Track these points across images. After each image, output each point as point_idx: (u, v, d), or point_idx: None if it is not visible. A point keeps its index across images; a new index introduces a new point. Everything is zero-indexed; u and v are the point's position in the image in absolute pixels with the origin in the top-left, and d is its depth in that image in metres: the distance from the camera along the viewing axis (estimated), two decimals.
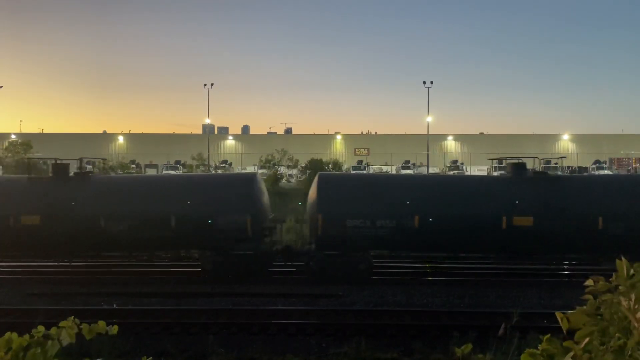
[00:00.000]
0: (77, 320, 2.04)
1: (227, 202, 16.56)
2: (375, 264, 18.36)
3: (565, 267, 18.26)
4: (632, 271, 1.45)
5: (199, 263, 17.29)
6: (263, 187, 18.24)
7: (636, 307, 1.40)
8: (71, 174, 17.96)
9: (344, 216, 16.03)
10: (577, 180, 21.00)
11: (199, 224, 16.26)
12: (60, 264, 17.40)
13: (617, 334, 1.41)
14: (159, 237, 16.37)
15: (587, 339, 1.48)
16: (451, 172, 59.43)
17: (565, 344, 1.52)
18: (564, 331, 1.55)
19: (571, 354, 1.49)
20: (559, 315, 1.55)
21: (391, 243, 16.35)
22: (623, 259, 1.51)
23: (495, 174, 59.52)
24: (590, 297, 1.51)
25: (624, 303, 1.43)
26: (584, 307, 1.52)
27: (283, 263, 17.35)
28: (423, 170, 63.47)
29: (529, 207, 15.91)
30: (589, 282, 1.49)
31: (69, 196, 16.74)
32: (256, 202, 16.80)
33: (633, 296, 1.41)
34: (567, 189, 16.73)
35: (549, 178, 17.66)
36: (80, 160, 18.95)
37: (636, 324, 1.39)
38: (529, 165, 18.99)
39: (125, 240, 16.35)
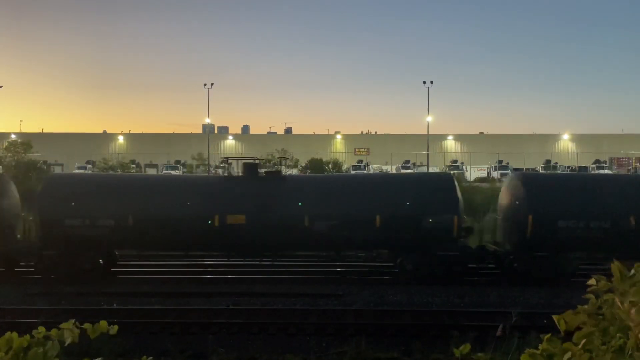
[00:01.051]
0: (77, 323, 2.04)
1: (435, 201, 16.39)
2: (374, 264, 18.38)
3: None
4: (632, 272, 1.45)
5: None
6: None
7: (632, 308, 1.40)
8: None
9: (555, 217, 15.72)
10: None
11: (405, 223, 16.10)
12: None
13: (617, 334, 1.41)
14: (362, 237, 16.29)
15: (584, 340, 1.48)
16: (451, 172, 59.32)
17: (564, 345, 1.53)
18: (562, 333, 1.55)
19: (568, 354, 1.49)
20: (556, 317, 1.55)
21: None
22: (616, 261, 1.51)
23: (495, 173, 59.56)
24: (592, 296, 1.51)
25: (619, 304, 1.43)
26: (584, 306, 1.52)
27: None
28: (423, 170, 63.44)
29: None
30: (592, 281, 1.49)
31: (272, 195, 16.60)
32: (460, 202, 16.55)
33: (628, 298, 1.41)
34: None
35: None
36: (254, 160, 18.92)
37: (631, 324, 1.39)
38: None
39: (328, 239, 16.22)
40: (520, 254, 16.18)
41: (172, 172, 54.96)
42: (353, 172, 60.48)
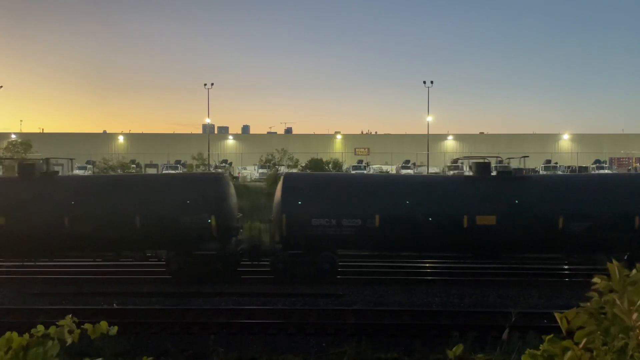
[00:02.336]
0: (75, 319, 2.04)
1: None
2: (374, 264, 18.39)
3: (566, 267, 18.26)
4: (634, 271, 1.45)
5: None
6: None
7: (631, 308, 1.39)
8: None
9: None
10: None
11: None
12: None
13: (619, 334, 1.41)
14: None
15: (585, 339, 1.48)
16: (451, 172, 59.36)
17: (563, 343, 1.52)
18: (564, 332, 1.55)
19: (569, 353, 1.49)
20: (557, 315, 1.54)
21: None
22: (615, 261, 1.50)
23: (494, 174, 59.51)
24: (595, 295, 1.50)
25: (619, 304, 1.42)
26: (586, 305, 1.52)
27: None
28: (423, 170, 63.48)
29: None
30: (596, 279, 1.49)
31: (520, 195, 16.51)
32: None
33: (626, 298, 1.41)
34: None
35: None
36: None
37: (632, 324, 1.39)
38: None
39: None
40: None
41: (172, 172, 54.99)
42: (353, 172, 60.56)
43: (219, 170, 53.07)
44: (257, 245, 17.59)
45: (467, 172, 60.53)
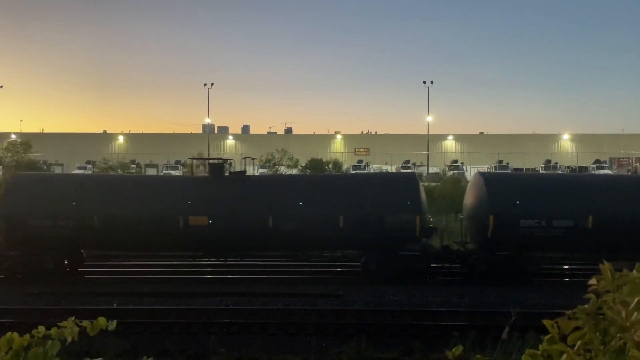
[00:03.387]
0: (77, 321, 2.04)
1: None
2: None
3: (566, 267, 18.26)
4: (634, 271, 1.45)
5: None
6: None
7: (625, 309, 1.39)
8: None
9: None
10: None
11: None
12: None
13: (618, 334, 1.41)
14: None
15: (579, 342, 1.48)
16: (451, 172, 59.38)
17: (556, 347, 1.52)
18: (556, 337, 1.54)
19: (564, 357, 1.49)
20: (547, 323, 1.54)
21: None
22: (605, 262, 1.50)
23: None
24: (592, 296, 1.50)
25: (612, 304, 1.42)
26: (584, 306, 1.52)
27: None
28: (423, 170, 63.40)
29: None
30: (593, 281, 1.49)
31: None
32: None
33: (620, 298, 1.41)
34: None
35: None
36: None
37: (627, 324, 1.39)
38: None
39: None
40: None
41: (172, 172, 54.97)
42: (353, 172, 60.54)
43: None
44: (447, 246, 17.48)
45: (467, 172, 60.47)
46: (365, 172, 45.94)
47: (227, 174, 18.01)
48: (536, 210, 15.76)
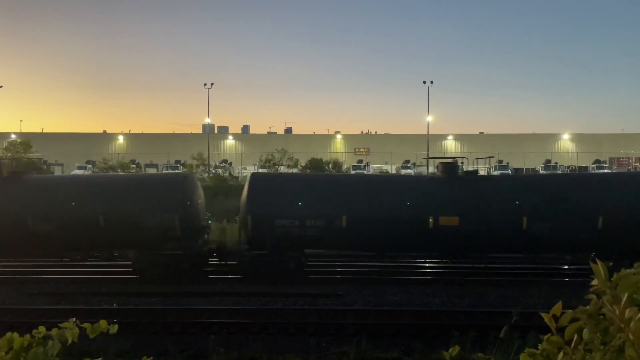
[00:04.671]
0: (78, 322, 2.04)
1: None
2: (374, 264, 18.38)
3: (566, 267, 18.26)
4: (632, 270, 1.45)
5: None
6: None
7: (619, 308, 1.39)
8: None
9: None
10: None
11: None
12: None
13: (618, 334, 1.41)
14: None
15: (576, 337, 1.48)
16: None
17: (552, 338, 1.51)
18: (553, 331, 1.54)
19: (561, 354, 1.49)
20: (545, 315, 1.54)
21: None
22: (598, 261, 1.50)
23: (495, 173, 59.64)
24: (593, 296, 1.50)
25: (607, 304, 1.43)
26: (585, 307, 1.52)
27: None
28: (423, 170, 63.40)
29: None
30: (595, 282, 1.49)
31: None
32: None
33: (611, 295, 1.41)
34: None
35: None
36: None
37: (622, 324, 1.39)
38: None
39: None
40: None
41: (172, 172, 54.96)
42: (353, 172, 60.52)
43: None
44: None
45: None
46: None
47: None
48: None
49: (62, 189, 17.40)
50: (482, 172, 22.65)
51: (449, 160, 18.02)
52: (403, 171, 59.31)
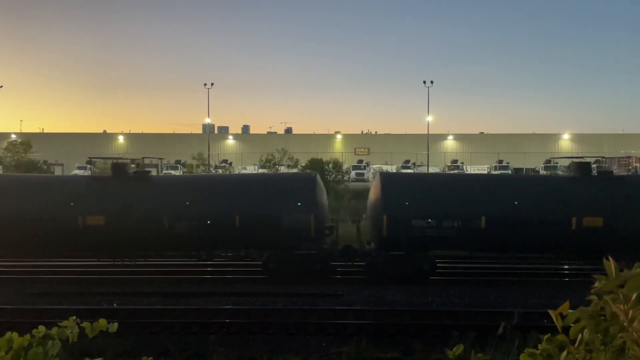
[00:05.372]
0: (78, 320, 2.04)
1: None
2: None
3: (566, 267, 18.25)
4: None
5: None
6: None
7: (626, 308, 1.39)
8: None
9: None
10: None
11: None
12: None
13: (619, 334, 1.41)
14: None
15: (580, 336, 1.48)
16: (451, 172, 59.28)
17: (558, 337, 1.52)
18: (559, 329, 1.55)
19: (564, 353, 1.49)
20: (552, 313, 1.54)
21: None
22: (610, 259, 1.50)
23: (495, 173, 59.63)
24: (594, 297, 1.50)
25: (610, 301, 1.42)
26: (586, 308, 1.52)
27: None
28: (423, 170, 63.39)
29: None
30: (597, 283, 1.49)
31: None
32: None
33: (621, 296, 1.41)
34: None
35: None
36: None
37: (626, 324, 1.39)
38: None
39: None
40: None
41: (172, 172, 54.96)
42: (353, 172, 60.51)
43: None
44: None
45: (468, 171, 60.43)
46: None
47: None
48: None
49: (197, 189, 17.43)
50: (482, 172, 22.53)
51: (584, 160, 17.92)
52: (403, 171, 59.26)
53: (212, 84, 72.22)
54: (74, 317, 2.03)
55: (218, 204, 16.45)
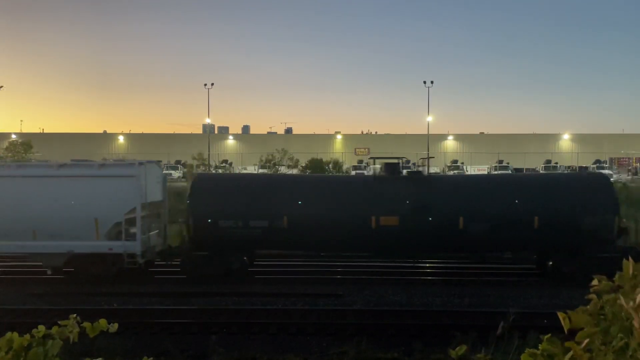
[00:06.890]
0: (78, 319, 2.04)
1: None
2: (374, 264, 18.36)
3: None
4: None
5: None
6: None
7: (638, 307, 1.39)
8: None
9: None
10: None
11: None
12: None
13: (619, 334, 1.41)
14: None
15: (587, 340, 1.48)
16: (451, 172, 59.31)
17: (567, 344, 1.52)
18: (565, 331, 1.55)
19: (570, 354, 1.48)
20: (561, 315, 1.54)
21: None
22: (630, 259, 1.50)
23: (495, 173, 59.61)
24: (594, 296, 1.50)
25: (624, 303, 1.42)
26: (586, 307, 1.52)
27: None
28: (423, 170, 63.23)
29: None
30: (595, 282, 1.49)
31: None
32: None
33: (638, 296, 1.41)
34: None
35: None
36: None
37: (637, 324, 1.38)
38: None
39: None
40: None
41: (173, 172, 54.93)
42: (354, 172, 60.47)
43: None
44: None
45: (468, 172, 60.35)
46: None
47: None
48: None
49: (487, 189, 17.23)
50: (481, 172, 22.52)
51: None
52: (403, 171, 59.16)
53: (212, 84, 72.22)
54: (75, 316, 2.03)
55: (514, 204, 16.16)
